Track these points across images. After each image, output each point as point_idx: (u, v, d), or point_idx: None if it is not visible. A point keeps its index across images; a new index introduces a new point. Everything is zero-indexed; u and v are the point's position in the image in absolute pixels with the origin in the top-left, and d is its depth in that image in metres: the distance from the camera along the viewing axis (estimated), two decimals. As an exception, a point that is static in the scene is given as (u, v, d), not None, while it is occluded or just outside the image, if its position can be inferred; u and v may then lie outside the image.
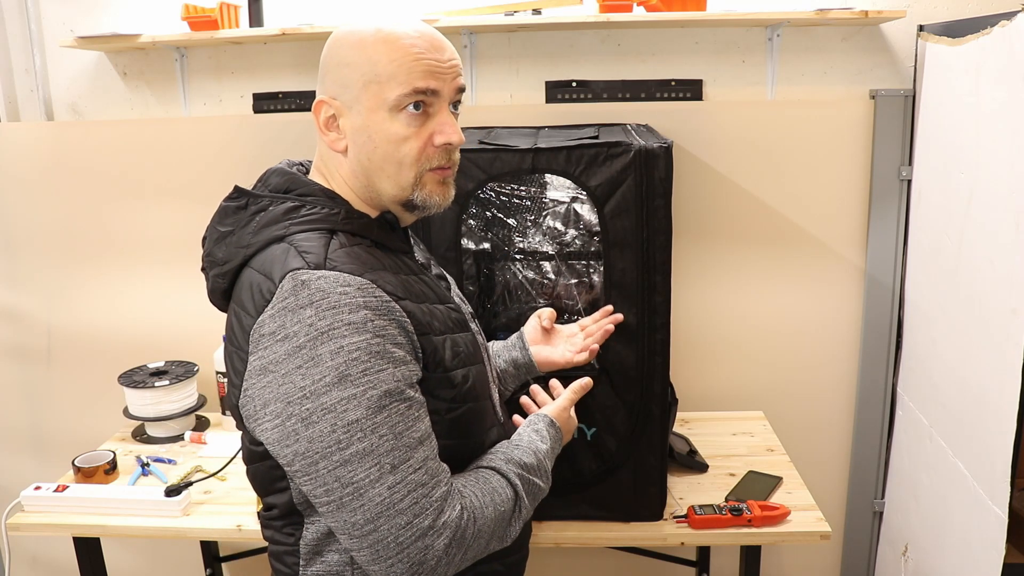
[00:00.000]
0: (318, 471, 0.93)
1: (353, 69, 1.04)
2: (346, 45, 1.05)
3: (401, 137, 1.04)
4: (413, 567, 0.93)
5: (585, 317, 1.53)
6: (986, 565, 1.58)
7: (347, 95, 1.05)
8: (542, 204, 1.79)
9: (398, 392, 0.94)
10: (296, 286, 0.94)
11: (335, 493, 0.93)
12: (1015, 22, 1.48)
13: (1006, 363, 1.50)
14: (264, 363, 0.94)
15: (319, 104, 1.07)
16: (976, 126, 1.66)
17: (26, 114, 2.27)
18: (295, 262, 0.96)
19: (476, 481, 1.04)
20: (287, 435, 0.94)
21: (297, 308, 0.93)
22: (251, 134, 2.11)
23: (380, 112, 1.03)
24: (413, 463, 0.94)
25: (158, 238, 2.19)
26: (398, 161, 1.05)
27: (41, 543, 2.38)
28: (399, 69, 1.02)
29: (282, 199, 1.05)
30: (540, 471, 1.13)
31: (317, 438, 0.92)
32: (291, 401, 0.93)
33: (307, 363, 0.92)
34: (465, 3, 2.03)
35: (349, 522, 0.93)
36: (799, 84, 2.10)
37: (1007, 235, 1.51)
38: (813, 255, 2.12)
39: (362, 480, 0.92)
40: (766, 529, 1.60)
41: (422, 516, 0.93)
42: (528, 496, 1.09)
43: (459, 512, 0.97)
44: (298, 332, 0.92)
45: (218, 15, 2.00)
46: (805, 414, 2.20)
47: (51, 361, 2.31)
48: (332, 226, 1.02)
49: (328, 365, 0.91)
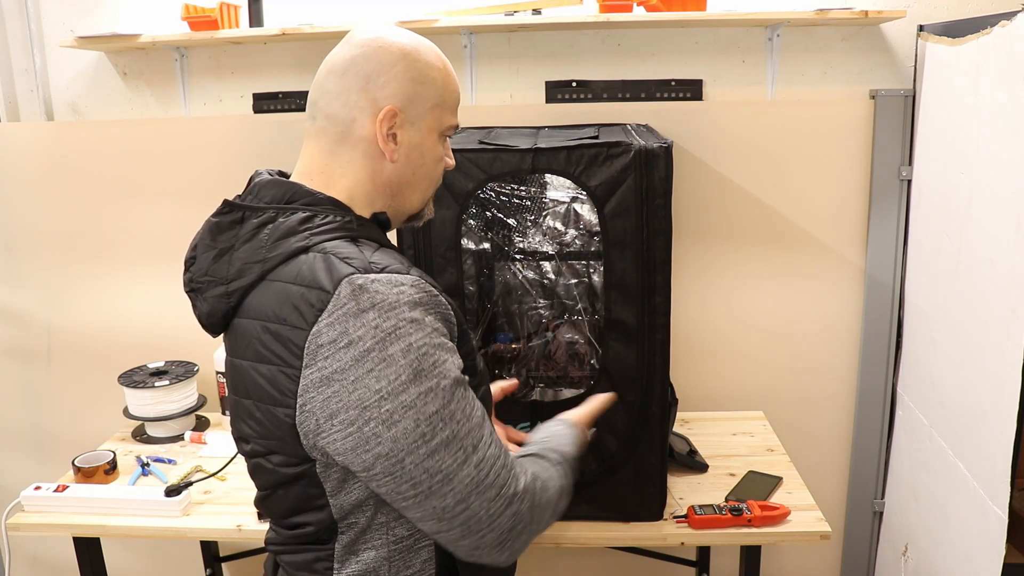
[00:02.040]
0: (404, 468, 0.94)
1: (428, 88, 1.07)
2: (422, 63, 1.07)
3: (440, 158, 1.13)
4: (503, 535, 0.98)
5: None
6: (986, 565, 1.58)
7: (414, 110, 1.06)
8: (542, 204, 1.79)
9: (460, 379, 0.98)
10: (355, 290, 0.93)
11: (423, 484, 0.95)
12: (1015, 22, 1.48)
13: (1006, 363, 1.50)
14: (327, 373, 0.93)
15: (392, 113, 1.04)
16: (976, 126, 1.66)
17: (26, 114, 2.27)
18: (345, 268, 0.95)
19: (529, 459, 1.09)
20: (365, 440, 0.93)
21: (359, 312, 0.92)
22: (251, 134, 2.11)
23: (434, 134, 1.10)
24: (486, 439, 0.98)
25: (158, 238, 2.19)
26: (434, 179, 1.14)
27: (41, 543, 2.38)
28: (455, 102, 1.13)
29: (290, 210, 1.02)
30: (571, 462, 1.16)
31: (401, 436, 0.93)
32: (367, 406, 0.92)
33: (379, 365, 0.92)
34: (465, 3, 2.03)
35: (439, 507, 0.96)
36: (799, 84, 2.10)
37: (1007, 235, 1.51)
38: (813, 255, 2.12)
39: (451, 465, 0.95)
40: (766, 529, 1.60)
41: (507, 485, 0.98)
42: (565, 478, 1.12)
43: (532, 477, 1.02)
44: (364, 336, 0.92)
45: (218, 15, 2.00)
46: (805, 414, 2.20)
47: (51, 361, 2.31)
48: (351, 233, 1.02)
49: (401, 364, 0.93)
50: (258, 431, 1.02)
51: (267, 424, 0.99)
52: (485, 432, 0.99)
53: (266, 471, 1.04)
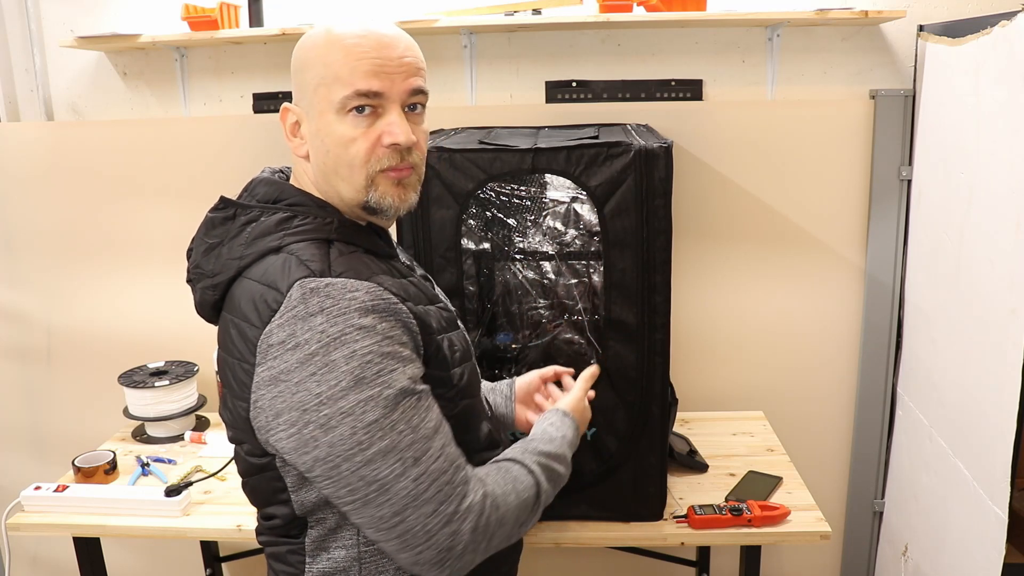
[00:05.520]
0: (340, 473, 0.94)
1: (306, 73, 1.04)
2: (302, 49, 1.05)
3: (349, 139, 1.02)
4: (441, 553, 0.95)
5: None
6: (986, 565, 1.58)
7: (304, 100, 1.05)
8: (542, 204, 1.79)
9: (409, 389, 0.96)
10: (305, 294, 0.94)
11: (360, 492, 0.94)
12: (1015, 22, 1.48)
13: (1006, 363, 1.50)
14: (275, 373, 0.94)
15: (284, 111, 1.07)
16: (976, 126, 1.66)
17: (26, 114, 2.27)
18: (300, 271, 0.96)
19: (496, 471, 1.06)
20: (305, 442, 0.94)
21: (307, 316, 0.93)
22: (251, 134, 2.11)
23: (329, 115, 1.02)
24: (433, 452, 0.95)
25: (158, 238, 2.19)
26: (348, 163, 1.03)
27: (41, 543, 2.38)
28: (342, 70, 1.00)
29: (273, 210, 1.04)
30: (559, 457, 1.15)
31: (338, 442, 0.93)
32: (307, 409, 0.93)
33: (321, 369, 0.92)
34: (465, 3, 2.03)
35: (376, 516, 0.95)
36: (799, 84, 2.10)
37: (1007, 235, 1.51)
38: (813, 255, 2.12)
39: (387, 476, 0.93)
40: (766, 529, 1.60)
41: (447, 503, 0.95)
42: (549, 482, 1.10)
43: (482, 496, 0.98)
44: (310, 340, 0.93)
45: (218, 15, 2.00)
46: (805, 414, 2.20)
47: (51, 361, 2.31)
48: (327, 235, 1.02)
49: (343, 370, 0.92)
50: (230, 420, 1.06)
51: (234, 414, 1.03)
52: (434, 445, 0.96)
53: (240, 459, 1.09)
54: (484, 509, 0.98)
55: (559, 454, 1.15)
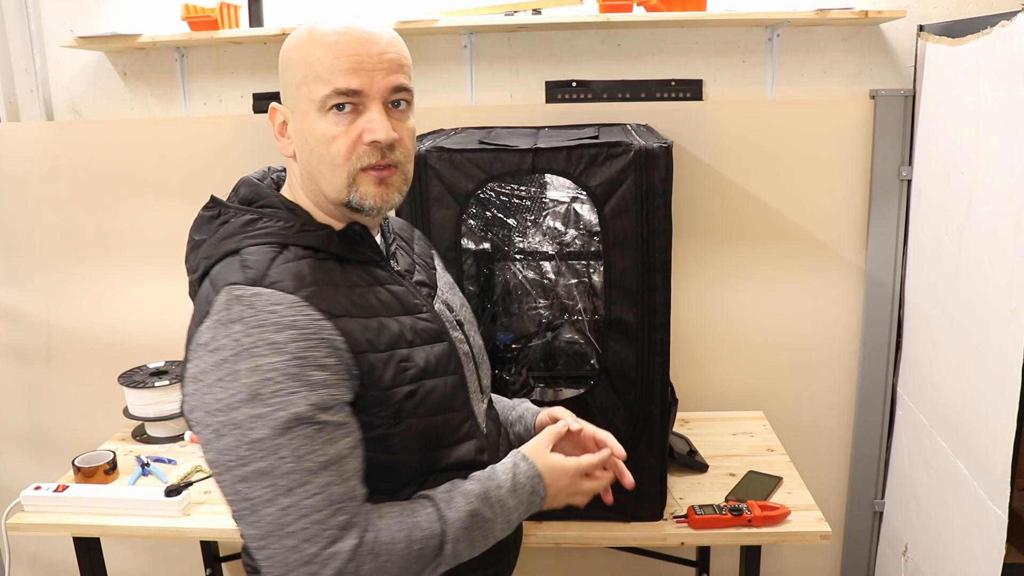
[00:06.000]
0: (223, 481, 0.94)
1: (290, 72, 1.04)
2: (286, 48, 1.05)
3: (330, 137, 1.01)
4: None
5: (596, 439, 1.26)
6: (986, 565, 1.58)
7: (289, 99, 1.05)
8: (542, 204, 1.79)
9: (308, 416, 0.92)
10: (230, 300, 0.95)
11: (235, 505, 0.94)
12: (1015, 22, 1.48)
13: (1006, 363, 1.50)
14: (195, 371, 0.96)
15: (272, 110, 1.08)
16: (976, 126, 1.66)
17: (26, 114, 2.27)
18: (234, 276, 0.97)
19: (400, 512, 1.00)
20: (204, 442, 0.96)
21: (228, 322, 0.94)
22: (251, 134, 2.11)
23: (311, 113, 1.01)
24: (311, 488, 0.92)
25: (158, 238, 2.19)
26: (330, 162, 1.02)
27: (41, 543, 2.38)
28: (322, 68, 0.99)
29: (243, 211, 1.05)
30: (492, 506, 1.06)
31: (224, 451, 0.93)
32: (208, 411, 0.94)
33: (226, 377, 0.93)
34: (465, 3, 2.03)
35: (247, 534, 0.95)
36: (799, 84, 2.10)
37: (1007, 235, 1.51)
38: (813, 255, 2.12)
39: (257, 498, 0.92)
40: (766, 529, 1.60)
41: (311, 542, 0.91)
42: (465, 531, 1.03)
43: (354, 545, 0.93)
44: (225, 346, 0.93)
45: (218, 15, 2.00)
46: (805, 414, 2.20)
47: (51, 361, 2.31)
48: (284, 239, 1.02)
49: (244, 382, 0.92)
50: None
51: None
52: (315, 481, 0.92)
53: None
54: (355, 557, 0.93)
55: (494, 504, 1.06)
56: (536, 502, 1.12)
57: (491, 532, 1.06)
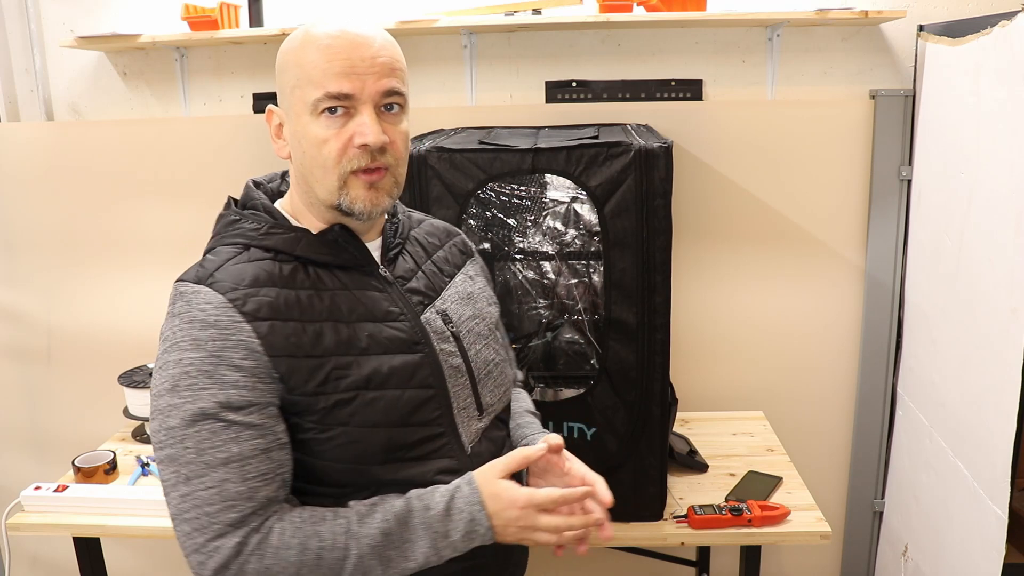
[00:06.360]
0: (155, 459, 1.01)
1: (285, 74, 1.05)
2: (282, 50, 1.06)
3: (321, 140, 1.01)
4: (195, 571, 0.98)
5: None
6: (986, 565, 1.58)
7: (285, 101, 1.06)
8: (542, 204, 1.79)
9: (213, 413, 0.96)
10: (175, 296, 1.03)
11: (160, 484, 1.01)
12: (1015, 22, 1.48)
13: (1006, 363, 1.50)
14: (156, 357, 1.03)
15: (269, 112, 1.09)
16: (976, 126, 1.66)
17: (26, 114, 2.27)
18: (189, 274, 1.03)
19: (305, 520, 0.99)
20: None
21: (171, 316, 1.02)
22: (251, 134, 2.11)
23: (304, 116, 1.02)
24: (207, 481, 0.96)
25: (158, 238, 2.19)
26: (321, 164, 1.02)
27: (41, 543, 2.38)
28: (315, 71, 1.00)
29: (232, 213, 1.10)
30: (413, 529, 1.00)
31: (153, 432, 1.00)
32: (152, 394, 1.01)
33: (163, 366, 1.00)
34: (465, 3, 2.03)
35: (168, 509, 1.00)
36: (799, 84, 2.10)
37: (1007, 235, 1.51)
38: (813, 255, 2.12)
39: (166, 481, 0.98)
40: (766, 529, 1.60)
41: (199, 532, 0.96)
42: (370, 554, 0.98)
43: (237, 543, 0.95)
44: (166, 338, 1.01)
45: (218, 15, 2.00)
46: (805, 414, 2.20)
47: (51, 361, 2.31)
48: (250, 241, 1.06)
49: (169, 372, 0.98)
50: None
51: None
52: (212, 475, 0.95)
53: None
54: (239, 554, 0.95)
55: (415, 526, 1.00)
56: (479, 531, 1.02)
57: (410, 555, 1.00)
